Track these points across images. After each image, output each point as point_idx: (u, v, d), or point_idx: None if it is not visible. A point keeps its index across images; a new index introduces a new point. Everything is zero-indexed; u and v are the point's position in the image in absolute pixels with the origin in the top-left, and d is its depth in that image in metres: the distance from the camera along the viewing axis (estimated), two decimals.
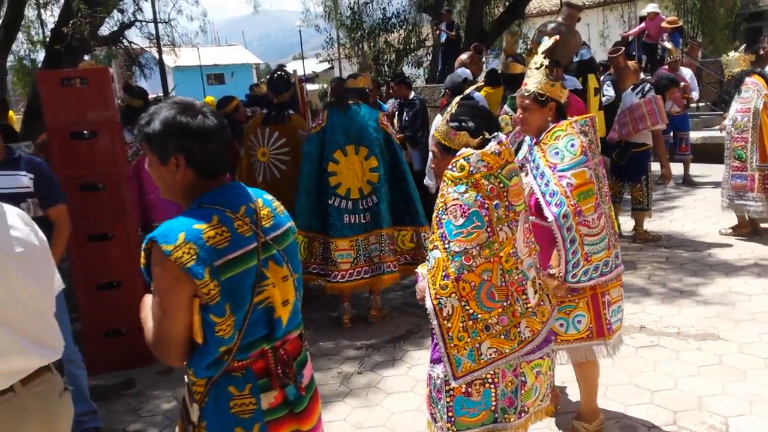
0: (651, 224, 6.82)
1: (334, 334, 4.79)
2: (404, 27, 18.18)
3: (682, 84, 8.32)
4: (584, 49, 10.59)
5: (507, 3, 16.71)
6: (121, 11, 12.13)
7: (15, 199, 3.04)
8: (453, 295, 2.17)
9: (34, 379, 1.79)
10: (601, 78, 7.94)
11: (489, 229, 2.16)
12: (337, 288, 4.79)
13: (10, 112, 8.15)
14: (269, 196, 1.86)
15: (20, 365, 1.75)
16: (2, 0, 9.13)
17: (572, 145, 2.85)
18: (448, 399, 2.27)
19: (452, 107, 2.36)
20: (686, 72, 9.19)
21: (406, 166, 4.98)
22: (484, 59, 11.07)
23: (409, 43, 18.10)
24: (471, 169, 2.17)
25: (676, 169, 9.46)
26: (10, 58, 12.53)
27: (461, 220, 2.15)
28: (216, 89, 34.33)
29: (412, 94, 7.31)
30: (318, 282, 4.90)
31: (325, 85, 13.30)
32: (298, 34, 29.80)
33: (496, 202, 2.17)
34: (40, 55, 13.54)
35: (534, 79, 2.99)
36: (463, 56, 9.57)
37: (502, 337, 2.21)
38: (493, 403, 2.28)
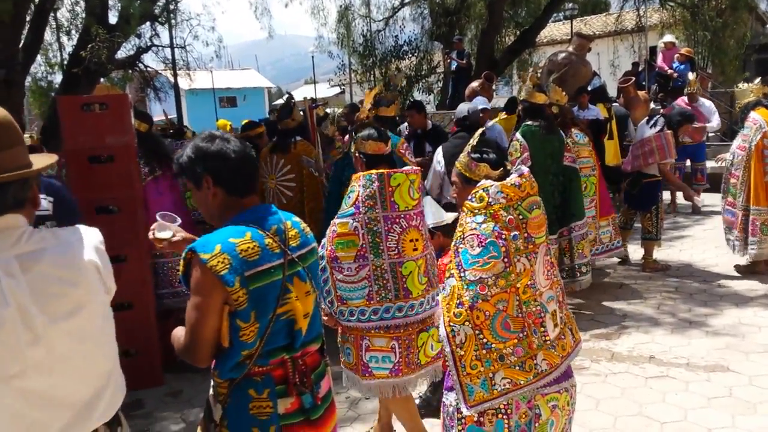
0: (660, 253, 6.81)
1: None
2: (416, 54, 18.41)
3: (697, 125, 8.27)
4: (596, 79, 10.65)
5: (518, 32, 16.93)
6: (139, 36, 12.36)
7: (34, 222, 3.11)
8: (467, 323, 2.16)
9: None
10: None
11: (506, 260, 2.16)
12: None
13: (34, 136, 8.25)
14: (297, 219, 2.06)
15: None
16: (23, 24, 9.32)
17: (349, 197, 3.13)
18: (460, 427, 2.25)
19: (474, 139, 2.41)
20: (707, 104, 9.14)
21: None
22: (494, 87, 11.18)
23: (420, 69, 18.32)
24: (490, 200, 2.19)
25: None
26: (27, 78, 12.76)
27: (478, 250, 2.17)
28: (228, 112, 34.70)
29: (430, 124, 6.93)
30: None
31: (337, 109, 13.42)
32: (311, 58, 30.14)
33: (514, 233, 2.17)
34: (57, 77, 13.75)
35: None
36: (474, 84, 9.63)
37: (517, 368, 2.18)
38: None
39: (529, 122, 5.20)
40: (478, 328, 2.17)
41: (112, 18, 10.96)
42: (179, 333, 1.93)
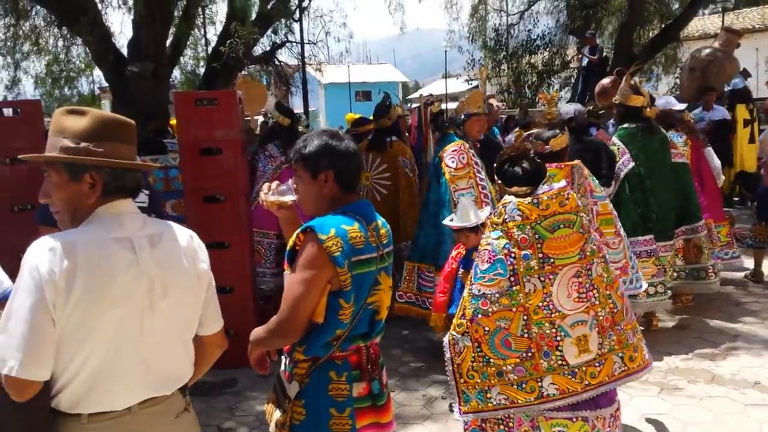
0: None
1: (427, 356, 4.85)
2: (548, 48, 17.91)
3: None
4: (737, 78, 9.79)
5: (662, 25, 15.90)
6: (275, 32, 13.02)
7: None
8: (465, 334, 2.19)
9: (148, 400, 1.75)
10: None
11: (513, 279, 2.13)
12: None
13: (173, 120, 9.06)
14: (384, 220, 2.19)
15: (126, 399, 1.72)
16: (171, 20, 10.10)
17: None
18: (465, 429, 2.33)
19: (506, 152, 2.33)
20: None
21: (440, 206, 4.59)
22: None
23: (552, 64, 17.80)
24: (505, 216, 2.17)
25: None
26: (177, 71, 13.88)
27: (486, 266, 2.18)
28: (363, 106, 35.48)
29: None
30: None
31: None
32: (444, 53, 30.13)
33: (525, 252, 2.13)
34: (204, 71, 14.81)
35: None
36: (605, 81, 9.19)
37: (515, 386, 2.15)
38: None
39: (626, 125, 4.94)
40: (476, 341, 2.18)
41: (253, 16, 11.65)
42: (260, 329, 2.09)
